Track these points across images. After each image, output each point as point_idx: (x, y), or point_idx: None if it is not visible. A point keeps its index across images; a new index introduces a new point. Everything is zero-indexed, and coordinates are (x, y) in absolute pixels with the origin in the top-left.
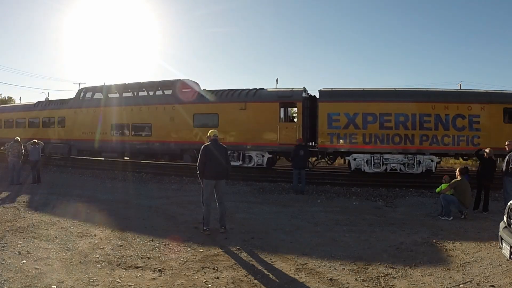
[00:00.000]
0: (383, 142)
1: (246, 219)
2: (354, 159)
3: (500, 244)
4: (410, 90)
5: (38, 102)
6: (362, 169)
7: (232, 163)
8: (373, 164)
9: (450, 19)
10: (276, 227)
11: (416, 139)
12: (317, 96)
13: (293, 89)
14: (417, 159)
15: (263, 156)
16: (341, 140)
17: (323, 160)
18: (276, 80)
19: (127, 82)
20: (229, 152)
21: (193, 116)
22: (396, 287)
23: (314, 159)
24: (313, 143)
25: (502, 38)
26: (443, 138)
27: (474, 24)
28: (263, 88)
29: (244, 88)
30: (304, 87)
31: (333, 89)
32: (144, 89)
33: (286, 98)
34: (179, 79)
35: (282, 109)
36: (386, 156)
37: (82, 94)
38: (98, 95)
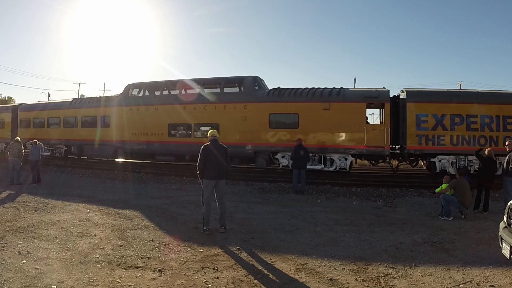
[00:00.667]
0: (470, 144)
1: (246, 219)
2: (440, 161)
3: (500, 244)
4: (494, 92)
5: (75, 99)
6: (447, 171)
7: (313, 167)
8: (459, 166)
9: (450, 19)
10: (276, 227)
11: (500, 141)
12: (400, 96)
13: (378, 89)
14: (499, 161)
15: (346, 159)
16: (430, 142)
17: (405, 162)
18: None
19: (187, 78)
20: (310, 155)
21: (269, 116)
22: (396, 287)
23: (396, 162)
24: (395, 145)
25: (502, 38)
26: None
27: (474, 24)
28: (344, 87)
29: (324, 87)
30: (383, 87)
31: (419, 90)
32: (209, 85)
33: (373, 99)
34: (250, 76)
35: (367, 110)
36: (470, 157)
37: (131, 90)
38: (150, 92)
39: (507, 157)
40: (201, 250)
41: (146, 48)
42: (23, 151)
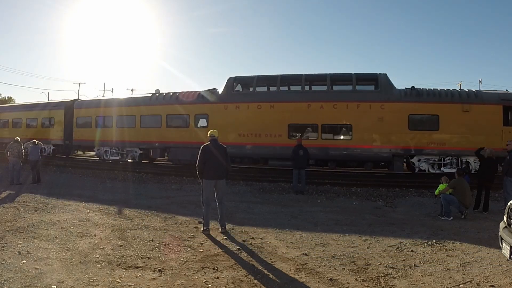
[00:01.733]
0: None
1: (246, 219)
2: None
3: (500, 244)
4: None
5: (157, 95)
6: None
7: (451, 171)
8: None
9: (450, 19)
10: (276, 227)
11: None
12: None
13: (509, 91)
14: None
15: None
16: None
17: None
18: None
19: (309, 73)
20: (448, 158)
21: (409, 116)
22: (396, 287)
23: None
24: None
25: (502, 38)
26: None
27: (474, 24)
28: (479, 89)
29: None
30: (506, 89)
31: None
32: (337, 81)
33: (509, 102)
34: (382, 73)
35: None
36: None
37: (235, 85)
38: (260, 88)
39: (507, 157)
40: (201, 250)
41: (146, 48)
42: (23, 151)
